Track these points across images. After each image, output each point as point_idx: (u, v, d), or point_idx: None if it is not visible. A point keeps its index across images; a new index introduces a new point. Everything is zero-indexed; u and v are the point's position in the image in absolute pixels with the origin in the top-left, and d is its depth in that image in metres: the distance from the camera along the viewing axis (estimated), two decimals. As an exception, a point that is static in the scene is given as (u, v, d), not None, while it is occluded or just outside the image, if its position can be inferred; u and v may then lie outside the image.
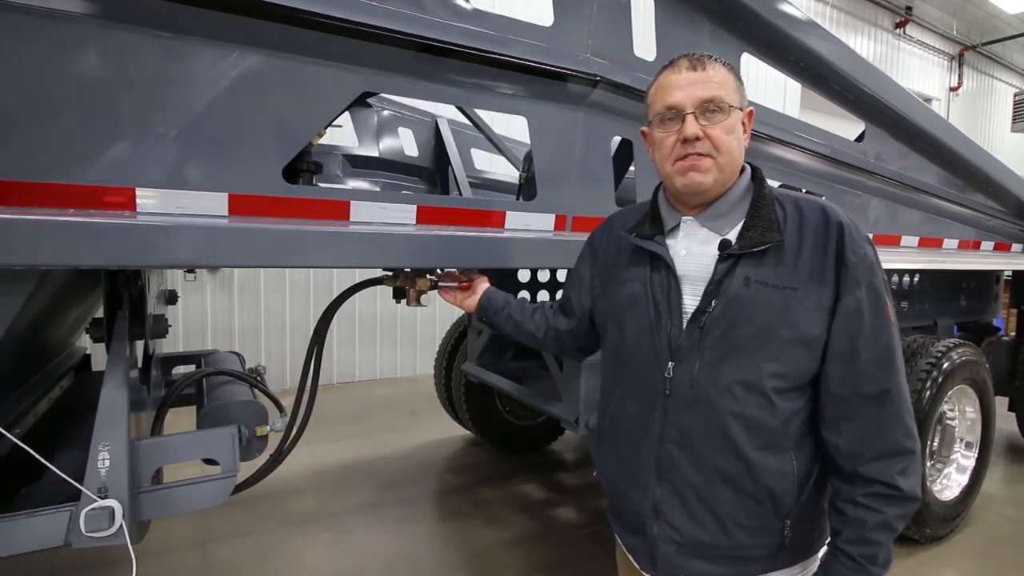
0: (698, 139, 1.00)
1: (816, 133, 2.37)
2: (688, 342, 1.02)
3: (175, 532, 2.78)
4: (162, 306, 2.55)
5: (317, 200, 1.40)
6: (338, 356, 5.77)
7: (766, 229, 1.01)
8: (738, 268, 1.01)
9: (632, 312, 1.11)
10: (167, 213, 1.24)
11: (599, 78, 1.65)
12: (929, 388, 2.66)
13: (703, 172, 1.02)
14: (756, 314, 0.99)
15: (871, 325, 0.98)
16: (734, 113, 1.02)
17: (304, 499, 3.22)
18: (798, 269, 1.00)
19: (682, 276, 1.06)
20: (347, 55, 1.36)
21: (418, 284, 1.60)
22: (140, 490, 1.50)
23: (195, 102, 1.24)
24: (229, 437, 1.63)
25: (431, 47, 1.43)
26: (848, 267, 0.98)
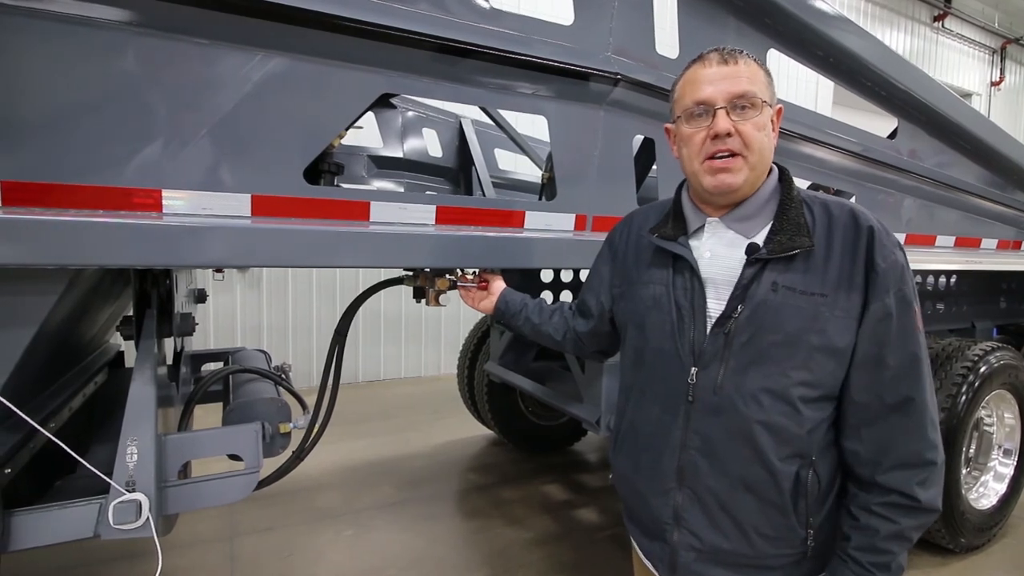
0: (729, 135, 0.97)
1: (846, 130, 2.31)
2: (712, 347, 0.99)
3: (202, 526, 2.85)
4: (191, 304, 2.61)
5: (338, 201, 1.42)
6: (363, 355, 5.84)
7: (795, 233, 0.98)
8: (766, 273, 0.98)
9: (654, 315, 1.08)
10: (193, 214, 1.27)
11: (620, 76, 1.64)
12: (965, 393, 2.57)
13: (734, 173, 0.98)
14: (783, 321, 0.95)
15: (898, 333, 0.95)
16: (765, 110, 0.98)
17: (328, 495, 3.27)
18: (827, 275, 0.96)
19: (706, 279, 1.03)
20: (367, 57, 1.37)
21: (437, 284, 1.61)
22: (167, 484, 1.54)
23: (219, 106, 1.27)
24: (253, 434, 1.66)
25: (450, 48, 1.43)
26: (878, 273, 0.94)
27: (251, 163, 1.31)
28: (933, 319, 3.61)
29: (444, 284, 1.60)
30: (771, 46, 1.97)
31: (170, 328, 1.65)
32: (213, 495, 1.60)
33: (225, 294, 5.15)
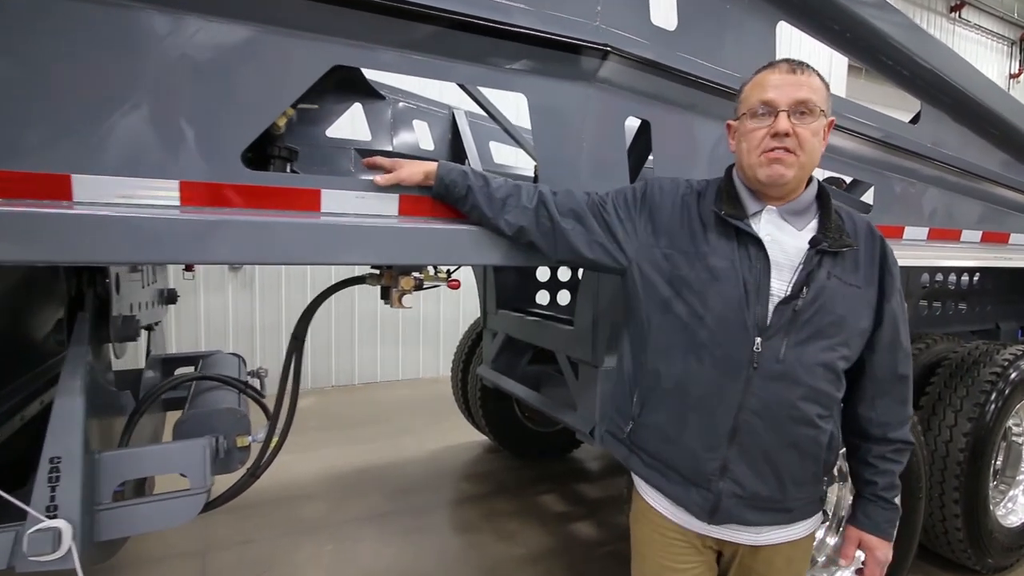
0: (787, 135, 1.09)
1: (864, 113, 2.11)
2: (778, 322, 1.12)
3: (176, 538, 2.69)
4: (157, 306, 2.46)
5: (283, 188, 1.24)
6: (360, 356, 5.69)
7: (841, 234, 1.16)
8: (823, 263, 1.14)
9: (717, 287, 1.16)
10: (109, 203, 1.10)
11: (610, 48, 1.45)
12: (994, 401, 2.36)
13: (787, 165, 1.11)
14: (836, 304, 1.14)
15: (903, 324, 1.23)
16: (821, 118, 1.12)
17: (313, 505, 3.11)
18: (859, 272, 1.18)
19: (772, 260, 1.14)
20: (314, 23, 1.20)
21: (401, 283, 1.43)
22: (100, 507, 1.38)
23: (139, 78, 1.10)
24: (200, 450, 1.50)
25: (410, 13, 1.25)
26: (892, 275, 1.20)
27: (179, 145, 1.14)
28: (955, 320, 3.39)
29: (409, 284, 1.43)
30: (781, 18, 1.77)
31: (108, 332, 1.49)
32: (154, 519, 1.43)
33: (217, 293, 5.01)
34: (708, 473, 1.18)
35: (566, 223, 1.28)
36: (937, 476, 2.36)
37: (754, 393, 1.13)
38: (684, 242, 1.22)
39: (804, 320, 1.12)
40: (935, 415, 2.42)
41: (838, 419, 1.22)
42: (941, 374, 2.52)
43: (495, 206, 1.30)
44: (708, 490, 1.18)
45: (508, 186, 1.32)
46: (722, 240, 1.18)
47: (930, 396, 2.48)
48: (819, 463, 1.19)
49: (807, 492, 1.21)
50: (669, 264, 1.22)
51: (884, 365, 1.21)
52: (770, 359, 1.12)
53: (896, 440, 1.24)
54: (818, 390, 1.14)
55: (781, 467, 1.16)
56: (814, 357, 1.13)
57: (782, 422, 1.13)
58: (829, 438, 1.18)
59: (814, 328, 1.12)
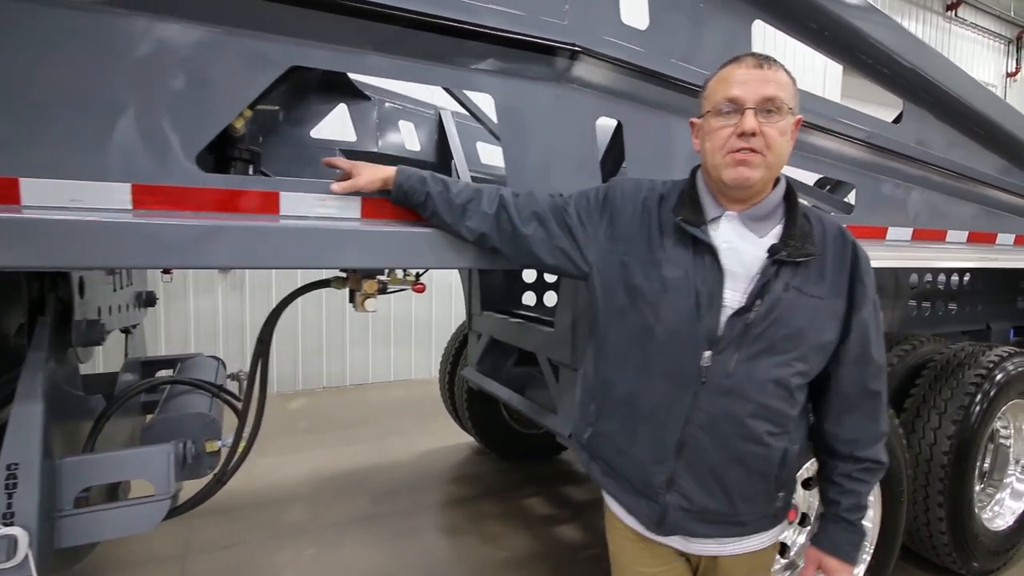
0: (754, 134, 1.03)
1: (847, 114, 2.09)
2: (729, 335, 1.07)
3: (158, 541, 2.67)
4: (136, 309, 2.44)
5: (240, 191, 1.22)
6: (351, 357, 5.67)
7: (805, 241, 1.09)
8: (781, 272, 1.07)
9: (670, 297, 1.11)
10: (59, 207, 1.08)
11: (578, 48, 1.43)
12: (979, 403, 2.33)
13: (753, 167, 1.05)
14: (792, 317, 1.07)
15: (875, 336, 1.15)
16: (788, 117, 1.06)
17: (297, 508, 3.09)
18: (824, 281, 1.10)
19: (726, 270, 1.08)
20: (269, 24, 1.18)
21: (364, 287, 1.41)
22: (61, 515, 1.36)
23: (90, 80, 1.08)
24: (164, 455, 1.48)
25: (371, 14, 1.24)
26: (864, 284, 1.12)
27: (132, 148, 1.13)
28: (945, 320, 3.37)
29: (372, 287, 1.41)
30: (757, 17, 1.76)
31: (70, 337, 1.47)
32: (117, 525, 1.42)
33: (207, 296, 4.99)
34: (656, 485, 1.15)
35: (527, 228, 1.25)
36: (921, 479, 2.34)
37: (701, 408, 1.09)
38: (641, 249, 1.16)
39: (756, 334, 1.06)
40: (919, 417, 2.40)
41: (798, 435, 1.16)
42: (926, 376, 2.50)
43: (455, 212, 1.28)
44: (655, 502, 1.15)
45: (469, 191, 1.30)
46: (678, 248, 1.13)
47: (915, 398, 2.46)
48: (769, 480, 1.14)
49: (759, 507, 1.17)
50: (626, 271, 1.16)
51: (851, 380, 1.14)
52: (719, 373, 1.07)
53: (864, 459, 1.17)
54: (768, 407, 1.08)
55: (728, 483, 1.12)
56: (765, 373, 1.07)
57: (730, 438, 1.09)
58: (782, 455, 1.12)
59: (767, 342, 1.06)
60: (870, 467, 1.18)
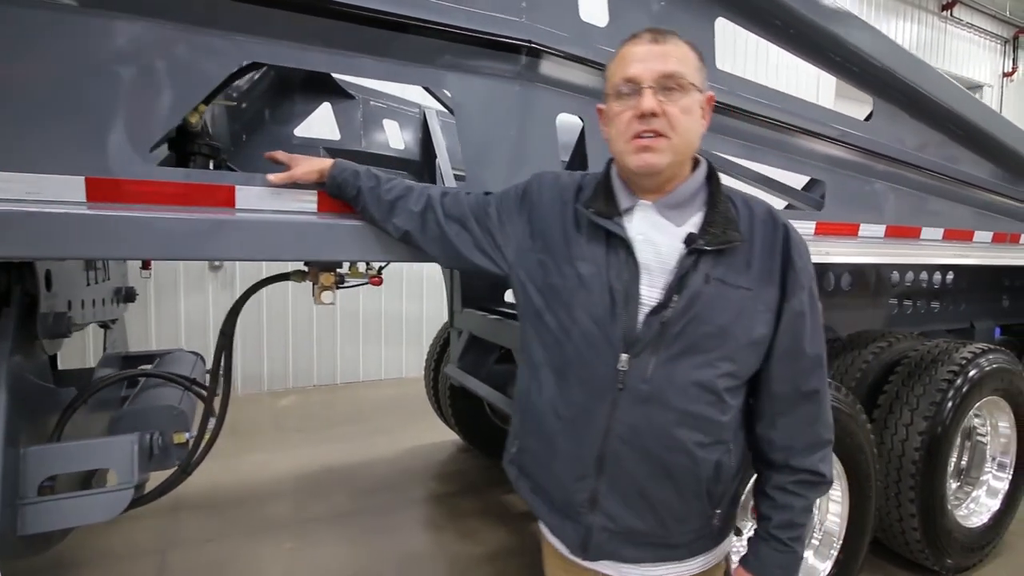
0: (654, 115, 0.96)
1: (816, 112, 2.11)
2: (646, 335, 0.98)
3: (140, 535, 2.70)
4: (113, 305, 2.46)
5: (195, 185, 1.25)
6: (342, 355, 5.69)
7: (727, 227, 1.00)
8: (700, 263, 0.99)
9: (583, 296, 1.03)
10: (14, 199, 1.10)
11: (532, 44, 1.45)
12: (951, 399, 2.34)
13: (657, 153, 0.97)
14: (715, 312, 0.98)
15: (811, 328, 1.03)
16: (693, 93, 0.98)
17: (278, 504, 3.11)
18: (751, 270, 1.00)
19: (641, 263, 1.01)
20: (224, 19, 1.20)
21: (321, 279, 1.43)
22: (23, 501, 1.39)
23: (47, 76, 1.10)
24: (128, 445, 1.51)
25: (326, 11, 1.26)
26: (796, 270, 1.01)
27: (86, 141, 1.15)
28: (927, 318, 3.38)
29: (329, 280, 1.43)
30: (719, 15, 1.77)
31: (36, 330, 1.50)
32: (78, 513, 1.44)
33: (197, 294, 5.02)
34: (577, 504, 1.05)
35: (451, 228, 1.21)
36: (892, 475, 2.35)
37: (621, 418, 0.99)
38: (558, 246, 1.08)
39: (675, 333, 0.97)
40: (892, 413, 2.41)
41: (737, 445, 1.05)
42: (900, 372, 2.51)
43: (383, 208, 1.26)
44: (578, 522, 1.05)
45: (399, 188, 1.27)
46: (592, 243, 1.04)
47: (888, 394, 2.47)
48: (702, 497, 1.02)
49: (694, 527, 1.06)
50: (543, 270, 1.09)
51: (782, 377, 1.03)
52: (636, 378, 0.97)
53: (800, 469, 1.04)
54: (694, 414, 0.98)
55: (656, 501, 1.01)
56: (687, 376, 0.97)
57: (653, 451, 0.99)
58: (715, 468, 1.01)
59: (687, 342, 0.97)
60: (807, 480, 1.05)
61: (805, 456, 1.05)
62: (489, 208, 1.21)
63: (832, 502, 2.14)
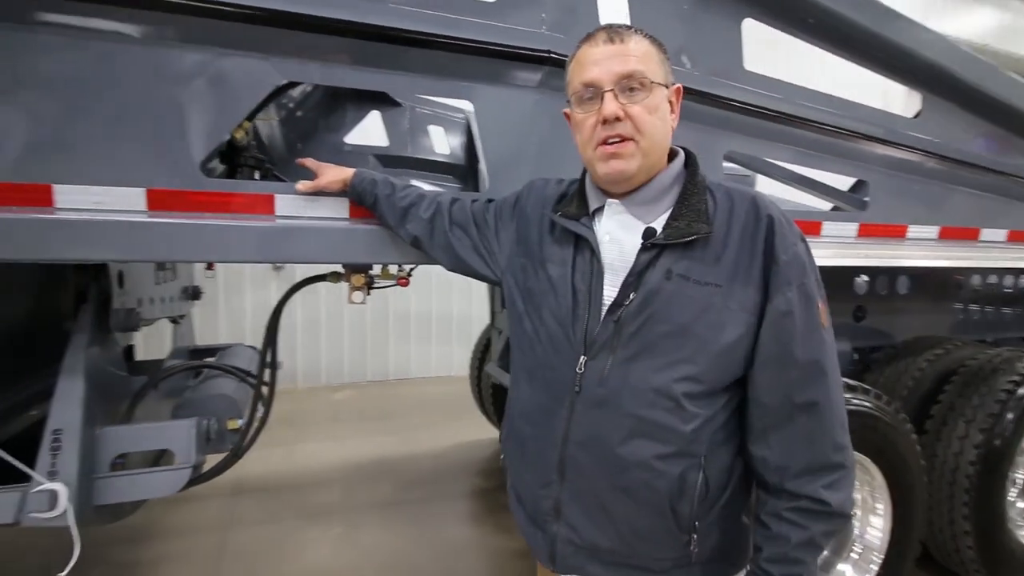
0: (618, 119, 0.92)
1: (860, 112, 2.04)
2: (602, 336, 0.95)
3: (205, 514, 2.95)
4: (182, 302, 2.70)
5: (239, 194, 1.38)
6: (394, 352, 5.92)
7: (694, 219, 0.94)
8: (660, 260, 0.94)
9: (550, 298, 1.02)
10: (85, 208, 1.27)
11: (552, 55, 1.50)
12: (1012, 411, 2.20)
13: (626, 159, 0.94)
14: (674, 311, 0.92)
15: (802, 329, 0.92)
16: (657, 90, 0.94)
17: (329, 491, 3.30)
18: (722, 264, 0.92)
19: (605, 264, 0.98)
20: (261, 44, 1.32)
21: (352, 280, 1.54)
22: (98, 476, 1.56)
23: (108, 101, 1.26)
24: (186, 429, 1.66)
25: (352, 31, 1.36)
26: (779, 265, 0.91)
27: (145, 157, 1.30)
28: (997, 325, 3.16)
29: (359, 281, 1.54)
30: (747, 15, 1.76)
31: (108, 323, 1.69)
32: (143, 488, 1.61)
33: (260, 291, 5.35)
34: (544, 512, 1.02)
35: (454, 233, 1.25)
36: (946, 490, 2.23)
37: (578, 421, 0.95)
38: (535, 250, 1.09)
39: (630, 332, 0.92)
40: (946, 425, 2.29)
41: (714, 461, 0.94)
42: (956, 382, 2.38)
43: (397, 215, 1.32)
44: (545, 532, 1.03)
45: (412, 195, 1.33)
46: (562, 246, 1.04)
47: (942, 405, 2.35)
48: (666, 515, 0.93)
49: (669, 554, 0.96)
50: (523, 275, 1.09)
51: (770, 388, 0.93)
52: (592, 381, 0.94)
53: (798, 495, 0.91)
54: (651, 422, 0.91)
55: (616, 514, 0.96)
56: (643, 380, 0.91)
57: (608, 459, 0.94)
58: (679, 484, 0.92)
59: (643, 342, 0.91)
60: (807, 508, 0.91)
61: (805, 480, 0.92)
62: (488, 215, 1.25)
63: (874, 515, 2.06)
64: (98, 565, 2.43)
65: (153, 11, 1.22)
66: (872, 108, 2.06)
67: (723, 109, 1.76)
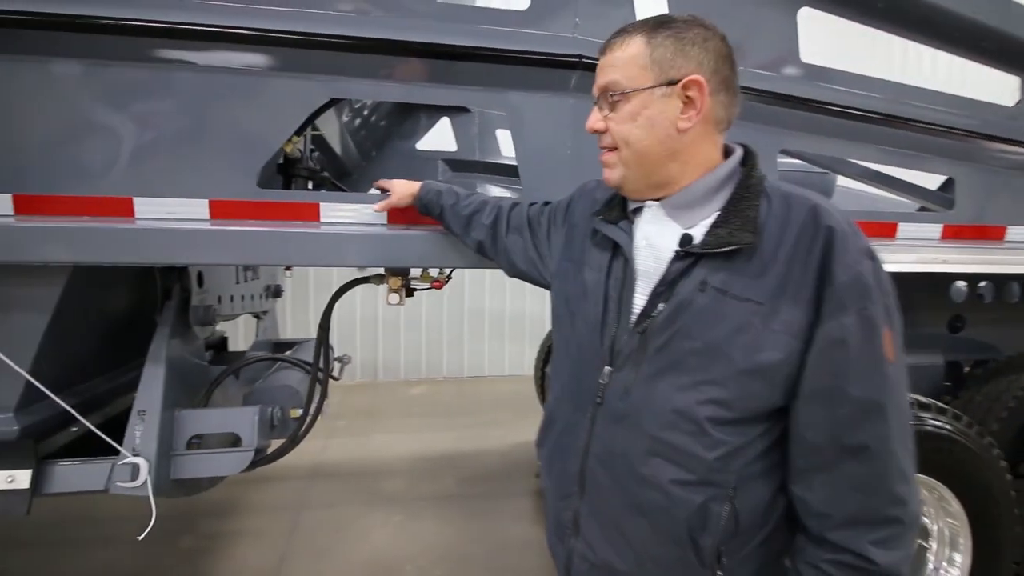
0: (597, 132, 0.95)
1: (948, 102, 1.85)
2: (628, 348, 0.90)
3: (282, 494, 3.21)
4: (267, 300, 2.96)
5: (289, 203, 1.50)
6: (468, 350, 6.08)
7: (739, 227, 0.85)
8: (696, 269, 0.86)
9: (584, 304, 1.00)
10: (159, 218, 1.44)
11: (583, 59, 1.50)
12: None
13: (611, 168, 0.95)
14: (705, 327, 0.84)
15: (859, 363, 0.79)
16: (638, 96, 0.88)
17: (394, 481, 3.47)
18: (766, 279, 0.83)
19: (639, 271, 0.93)
20: (308, 65, 1.44)
21: (389, 283, 1.63)
22: (175, 453, 1.76)
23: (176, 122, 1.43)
24: (251, 416, 1.83)
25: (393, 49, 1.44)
26: (834, 285, 0.79)
27: (208, 171, 1.46)
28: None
29: (396, 284, 1.62)
30: (803, 4, 1.65)
31: (188, 319, 1.90)
32: (212, 466, 1.80)
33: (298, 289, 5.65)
34: (564, 524, 1.00)
35: (510, 238, 1.28)
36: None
37: (598, 434, 0.93)
38: (578, 253, 1.07)
39: (656, 346, 0.87)
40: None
41: (745, 497, 0.85)
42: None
43: (462, 223, 1.37)
44: (563, 544, 1.01)
45: (475, 203, 1.36)
46: (600, 250, 1.01)
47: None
48: (683, 545, 0.86)
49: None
50: (566, 280, 1.08)
51: (814, 425, 0.82)
52: (615, 394, 0.91)
53: (841, 547, 0.80)
54: (670, 445, 0.86)
55: (632, 538, 0.91)
56: (666, 399, 0.86)
57: (625, 478, 0.90)
58: (701, 514, 0.85)
59: (670, 358, 0.86)
60: (850, 563, 0.80)
61: (850, 532, 0.80)
62: (542, 218, 1.25)
63: (954, 550, 1.86)
64: (187, 534, 2.73)
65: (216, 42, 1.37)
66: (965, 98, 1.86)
67: (776, 104, 1.67)
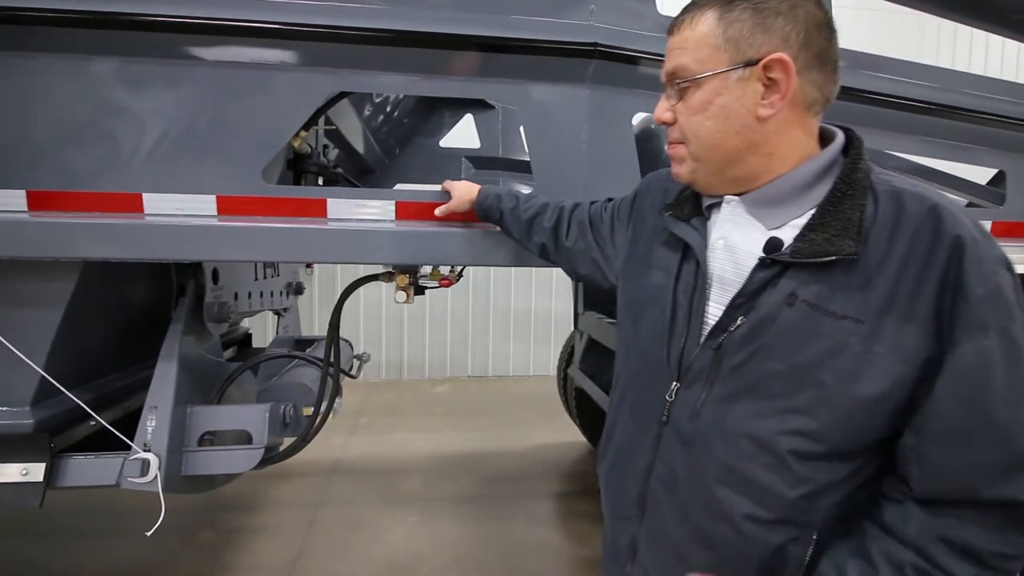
0: (666, 124, 0.84)
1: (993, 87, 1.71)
2: (699, 363, 0.80)
3: (301, 490, 3.22)
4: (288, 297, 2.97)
5: (295, 199, 1.48)
6: (493, 350, 6.05)
7: (838, 232, 0.71)
8: (783, 279, 0.74)
9: (649, 308, 0.89)
10: (169, 214, 1.43)
11: (600, 47, 1.43)
12: None
13: (679, 163, 0.85)
14: (792, 347, 0.72)
15: (1004, 393, 0.65)
16: (708, 83, 0.76)
17: (412, 480, 3.45)
18: (871, 292, 0.69)
19: (714, 275, 0.82)
20: (313, 58, 1.40)
21: (396, 280, 1.59)
22: (186, 449, 1.76)
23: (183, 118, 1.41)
24: (262, 413, 1.82)
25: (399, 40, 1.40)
26: (970, 302, 0.65)
27: (215, 167, 1.44)
28: None
29: (403, 281, 1.58)
30: (838, -12, 1.54)
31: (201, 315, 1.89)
32: (223, 463, 1.79)
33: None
34: (620, 548, 0.92)
35: (570, 239, 1.20)
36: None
37: (663, 456, 0.84)
38: (644, 251, 0.97)
39: (732, 365, 0.76)
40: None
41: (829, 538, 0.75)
42: None
43: (523, 228, 1.29)
44: (619, 568, 0.93)
45: (536, 206, 1.28)
46: (669, 249, 0.90)
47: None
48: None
49: None
50: (630, 280, 0.99)
51: (942, 472, 0.68)
52: (683, 413, 0.81)
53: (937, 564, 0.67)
54: (744, 476, 0.75)
55: (694, 569, 0.82)
56: (741, 424, 0.75)
57: (691, 507, 0.80)
58: (778, 556, 0.74)
59: (748, 379, 0.75)
60: None
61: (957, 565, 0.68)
62: (604, 215, 1.16)
63: None
64: (207, 528, 2.76)
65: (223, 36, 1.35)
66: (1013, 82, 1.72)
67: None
